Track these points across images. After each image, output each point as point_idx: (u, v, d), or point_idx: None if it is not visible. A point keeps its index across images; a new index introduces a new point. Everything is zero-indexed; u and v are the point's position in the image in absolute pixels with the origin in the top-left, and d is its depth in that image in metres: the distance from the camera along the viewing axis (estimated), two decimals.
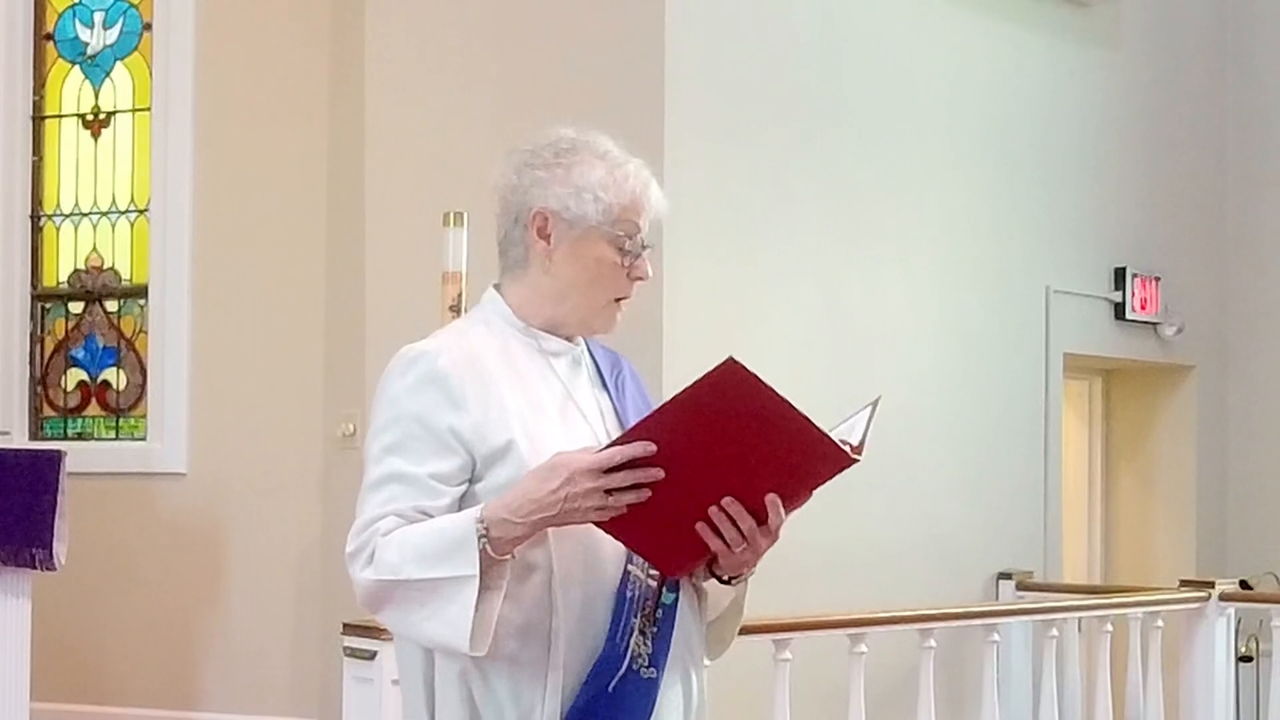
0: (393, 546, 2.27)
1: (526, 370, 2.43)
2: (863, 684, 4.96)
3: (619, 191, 2.42)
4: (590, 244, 2.42)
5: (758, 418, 2.19)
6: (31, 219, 7.02)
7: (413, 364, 2.37)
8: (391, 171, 6.28)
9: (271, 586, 6.50)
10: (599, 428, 2.46)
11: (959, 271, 7.05)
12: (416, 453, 2.32)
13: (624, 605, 2.33)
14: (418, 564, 2.24)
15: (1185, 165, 8.29)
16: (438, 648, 2.31)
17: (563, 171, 2.42)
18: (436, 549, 2.24)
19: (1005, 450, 7.22)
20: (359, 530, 2.32)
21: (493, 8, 6.27)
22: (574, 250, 2.42)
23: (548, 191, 2.42)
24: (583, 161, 2.43)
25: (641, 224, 2.45)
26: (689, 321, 5.85)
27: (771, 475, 2.23)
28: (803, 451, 2.22)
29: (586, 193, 2.41)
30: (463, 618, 2.21)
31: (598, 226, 2.41)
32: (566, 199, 2.41)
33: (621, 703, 2.31)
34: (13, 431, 6.77)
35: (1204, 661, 6.49)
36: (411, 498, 2.30)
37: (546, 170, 2.43)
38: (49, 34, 7.07)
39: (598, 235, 2.42)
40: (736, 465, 2.22)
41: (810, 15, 6.51)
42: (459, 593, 2.22)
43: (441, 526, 2.27)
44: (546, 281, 2.45)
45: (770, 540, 2.29)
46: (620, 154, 2.47)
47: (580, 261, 2.42)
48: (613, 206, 2.41)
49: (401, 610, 2.28)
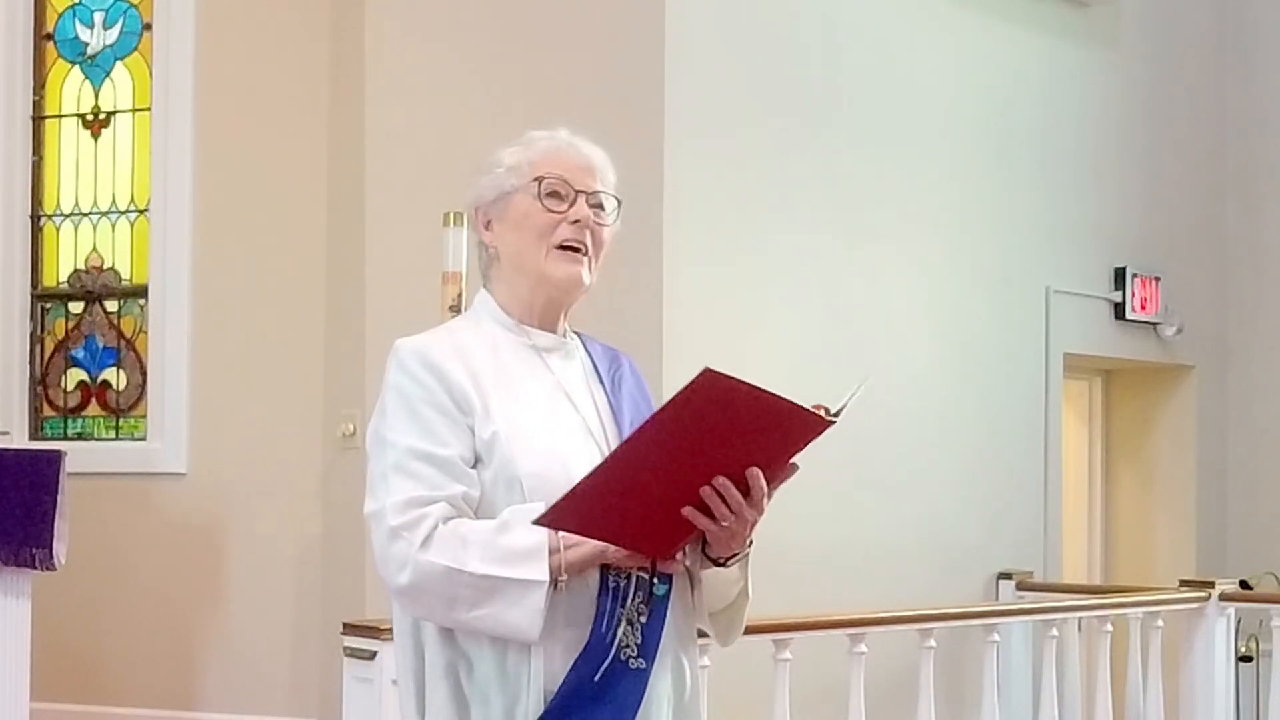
0: (455, 537, 2.30)
1: (514, 366, 2.47)
2: (863, 684, 4.97)
3: (527, 151, 2.53)
4: (514, 206, 2.51)
5: (739, 413, 2.23)
6: (31, 219, 7.02)
7: (412, 354, 2.41)
8: (391, 171, 6.28)
9: (271, 586, 6.50)
10: (592, 421, 2.49)
11: (959, 271, 7.05)
12: (436, 435, 2.35)
13: (609, 595, 2.35)
14: (487, 562, 2.28)
15: (1185, 165, 8.29)
16: (498, 633, 2.32)
17: (486, 170, 2.55)
18: (505, 553, 2.29)
19: (1005, 450, 7.22)
20: (402, 507, 2.31)
21: (493, 8, 6.27)
22: (505, 222, 2.52)
23: (478, 189, 2.55)
24: (500, 153, 2.55)
25: (564, 174, 2.50)
26: (689, 321, 5.85)
27: (754, 451, 2.28)
28: (782, 426, 2.27)
29: (499, 168, 2.53)
30: (532, 621, 2.28)
31: (515, 190, 2.50)
32: (486, 185, 2.54)
33: (608, 692, 2.32)
34: (13, 431, 6.76)
35: (1204, 661, 6.49)
36: (446, 481, 2.33)
37: (477, 176, 2.56)
38: (49, 34, 7.06)
39: (518, 196, 2.50)
40: (720, 453, 2.26)
41: (810, 15, 6.52)
42: (524, 596, 2.27)
43: (509, 528, 2.31)
44: (505, 265, 2.53)
45: (757, 512, 2.32)
46: (540, 133, 2.57)
47: (514, 228, 2.51)
48: (521, 165, 2.51)
49: (453, 599, 2.30)
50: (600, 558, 2.33)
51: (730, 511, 2.29)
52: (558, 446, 2.40)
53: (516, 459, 2.35)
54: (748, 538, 2.38)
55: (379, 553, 2.34)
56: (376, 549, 2.35)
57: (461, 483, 2.34)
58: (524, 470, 2.35)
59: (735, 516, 2.30)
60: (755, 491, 2.30)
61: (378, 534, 2.34)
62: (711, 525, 2.31)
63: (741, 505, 2.29)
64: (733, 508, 2.29)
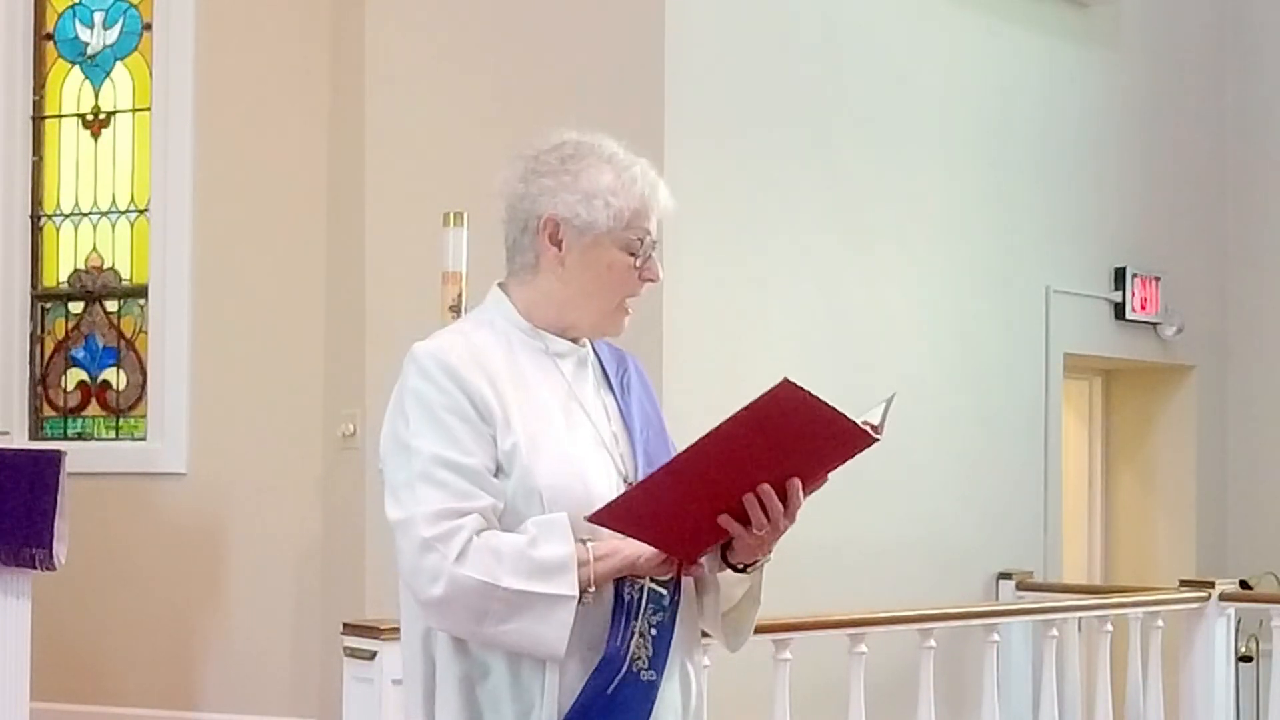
0: (489, 551, 2.27)
1: (530, 372, 2.43)
2: (863, 684, 4.97)
3: (628, 196, 2.42)
4: (602, 250, 2.42)
5: (801, 426, 2.24)
6: (31, 219, 7.01)
7: (431, 359, 2.36)
8: (391, 171, 6.27)
9: (271, 586, 6.50)
10: (604, 428, 2.47)
11: (959, 271, 7.05)
12: (461, 444, 2.31)
13: (623, 608, 2.34)
14: (519, 576, 2.26)
15: (1185, 165, 8.29)
16: (523, 647, 2.31)
17: (570, 178, 2.41)
18: (536, 568, 2.27)
19: (1005, 450, 7.22)
20: (434, 519, 2.27)
21: (493, 8, 6.27)
22: (585, 256, 2.42)
23: (556, 199, 2.41)
24: (590, 167, 2.42)
25: (650, 226, 2.45)
26: (689, 321, 5.84)
27: (798, 463, 2.29)
28: (832, 441, 2.29)
29: (596, 199, 2.40)
30: (560, 636, 2.26)
31: (609, 232, 2.41)
32: (576, 206, 2.40)
33: (620, 705, 2.32)
34: (13, 431, 6.76)
35: (1204, 661, 6.49)
36: (475, 491, 2.30)
37: (553, 178, 2.42)
38: (49, 34, 7.06)
39: (609, 241, 2.42)
40: (772, 462, 2.27)
41: (810, 16, 6.52)
42: (553, 611, 2.26)
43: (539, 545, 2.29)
44: (559, 287, 2.44)
45: (790, 522, 2.32)
46: (626, 156, 2.46)
47: (593, 268, 2.42)
48: (623, 211, 2.41)
49: (484, 612, 2.27)
50: (629, 568, 2.32)
51: (767, 520, 2.29)
52: (575, 457, 2.38)
53: (536, 470, 2.33)
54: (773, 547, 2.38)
55: (408, 563, 2.30)
56: (406, 559, 2.30)
57: (489, 493, 2.31)
58: (543, 482, 2.33)
59: (770, 525, 2.30)
60: (793, 502, 2.30)
61: (407, 544, 2.30)
62: (745, 533, 2.31)
63: (779, 515, 2.29)
64: (771, 517, 2.29)
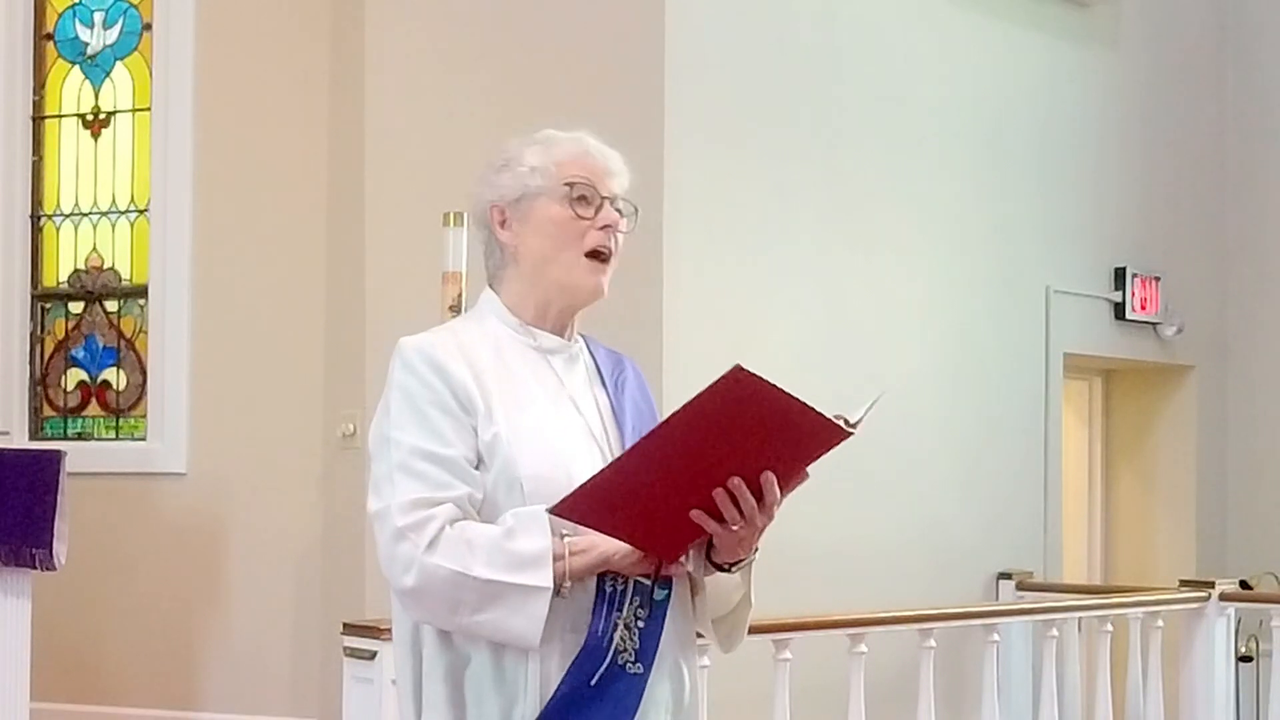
0: (462, 541, 2.29)
1: (518, 367, 2.46)
2: (863, 684, 4.97)
3: (552, 153, 2.49)
4: (539, 209, 2.47)
5: (762, 416, 2.21)
6: (31, 219, 7.02)
7: (416, 353, 2.39)
8: (391, 171, 6.28)
9: (271, 586, 6.50)
10: (594, 423, 2.48)
11: (959, 271, 7.05)
12: (441, 435, 2.34)
13: (604, 600, 2.34)
14: (492, 567, 2.27)
15: (1185, 165, 8.29)
16: (497, 638, 2.32)
17: (503, 166, 2.52)
18: (510, 559, 2.28)
19: (1005, 450, 7.22)
20: (408, 508, 2.30)
21: (493, 8, 6.27)
22: (528, 224, 2.48)
23: (495, 188, 2.51)
24: (522, 151, 2.52)
25: (590, 178, 2.48)
26: (689, 321, 5.85)
27: (770, 457, 2.26)
28: (801, 432, 2.26)
29: (522, 168, 2.49)
30: (533, 628, 2.28)
31: (542, 190, 2.47)
32: (509, 184, 2.50)
33: (605, 697, 2.32)
34: (13, 431, 6.77)
35: (1204, 661, 6.49)
36: (452, 481, 2.32)
37: (494, 172, 2.52)
38: (49, 34, 7.06)
39: (544, 199, 2.47)
40: (737, 455, 2.25)
41: (810, 16, 6.52)
42: (526, 602, 2.27)
43: (515, 536, 2.30)
44: (523, 267, 2.50)
45: (767, 519, 2.31)
46: (563, 134, 2.53)
47: (538, 231, 2.48)
48: (548, 167, 2.48)
49: (457, 602, 2.29)
50: (605, 564, 2.33)
51: (741, 516, 2.28)
52: (559, 449, 2.39)
53: (517, 461, 2.35)
54: (755, 545, 2.37)
55: (384, 552, 2.33)
56: (381, 549, 2.34)
57: (466, 483, 2.33)
58: (525, 472, 2.34)
59: (745, 521, 2.29)
60: (768, 497, 2.28)
61: (383, 534, 2.33)
62: (720, 529, 2.30)
63: (754, 510, 2.28)
64: (744, 512, 2.28)
